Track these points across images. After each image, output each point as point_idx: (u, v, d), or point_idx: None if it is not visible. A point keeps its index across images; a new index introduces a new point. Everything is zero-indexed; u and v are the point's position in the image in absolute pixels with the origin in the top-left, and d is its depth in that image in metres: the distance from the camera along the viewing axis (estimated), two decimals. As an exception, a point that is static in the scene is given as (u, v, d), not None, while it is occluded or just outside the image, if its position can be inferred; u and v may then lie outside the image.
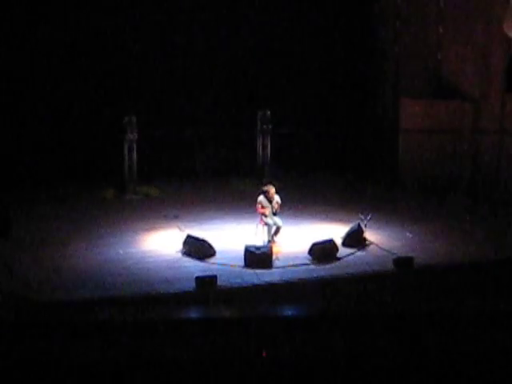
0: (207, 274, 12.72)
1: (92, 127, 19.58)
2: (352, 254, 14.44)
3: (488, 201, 18.29)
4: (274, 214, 14.69)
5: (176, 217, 16.80)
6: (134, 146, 19.27)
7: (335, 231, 15.40)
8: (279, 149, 20.76)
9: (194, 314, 11.78)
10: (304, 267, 13.56)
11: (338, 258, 14.15)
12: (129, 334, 9.88)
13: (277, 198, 14.78)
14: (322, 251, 14.07)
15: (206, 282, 12.38)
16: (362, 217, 15.31)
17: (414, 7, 21.12)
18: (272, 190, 14.81)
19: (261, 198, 14.82)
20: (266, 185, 15.21)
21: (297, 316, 11.53)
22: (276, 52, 21.47)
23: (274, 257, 13.74)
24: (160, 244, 14.94)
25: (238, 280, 12.78)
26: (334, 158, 21.35)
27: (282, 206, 14.82)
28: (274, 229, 14.66)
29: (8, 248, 13.89)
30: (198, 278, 12.43)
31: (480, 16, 19.53)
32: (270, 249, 13.81)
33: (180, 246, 14.39)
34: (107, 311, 11.27)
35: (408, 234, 15.81)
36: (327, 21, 21.71)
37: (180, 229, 14.59)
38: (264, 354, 9.37)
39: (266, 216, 14.65)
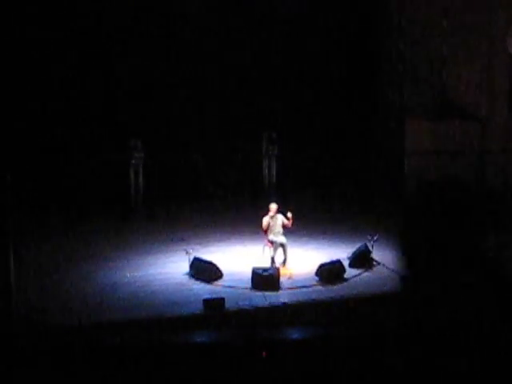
0: (215, 296, 12.72)
1: (97, 151, 19.57)
2: (359, 274, 14.41)
3: (495, 220, 18.20)
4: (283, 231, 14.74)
5: (183, 239, 16.78)
6: (140, 170, 19.33)
7: (342, 252, 15.37)
8: (285, 170, 20.77)
9: (202, 337, 11.73)
10: (311, 288, 13.55)
11: (346, 279, 14.13)
12: (138, 357, 9.84)
13: (280, 217, 14.78)
14: (330, 272, 14.05)
15: (214, 305, 12.37)
16: (369, 237, 15.30)
17: (418, 27, 21.14)
18: (274, 209, 14.81)
19: (265, 218, 14.84)
20: (270, 205, 15.21)
21: (304, 337, 11.47)
22: (280, 75, 21.51)
23: (287, 276, 13.92)
24: (167, 267, 14.92)
25: (246, 302, 12.76)
26: (340, 179, 21.30)
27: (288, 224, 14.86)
28: (279, 248, 14.63)
29: (16, 273, 13.86)
30: (205, 301, 12.42)
31: (484, 35, 19.56)
32: (278, 271, 13.81)
33: (187, 269, 14.39)
34: (115, 335, 11.24)
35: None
36: (332, 41, 21.77)
37: (187, 251, 14.58)
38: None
39: (269, 239, 14.67)
